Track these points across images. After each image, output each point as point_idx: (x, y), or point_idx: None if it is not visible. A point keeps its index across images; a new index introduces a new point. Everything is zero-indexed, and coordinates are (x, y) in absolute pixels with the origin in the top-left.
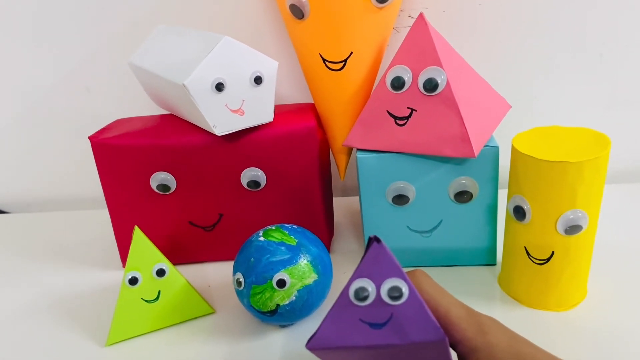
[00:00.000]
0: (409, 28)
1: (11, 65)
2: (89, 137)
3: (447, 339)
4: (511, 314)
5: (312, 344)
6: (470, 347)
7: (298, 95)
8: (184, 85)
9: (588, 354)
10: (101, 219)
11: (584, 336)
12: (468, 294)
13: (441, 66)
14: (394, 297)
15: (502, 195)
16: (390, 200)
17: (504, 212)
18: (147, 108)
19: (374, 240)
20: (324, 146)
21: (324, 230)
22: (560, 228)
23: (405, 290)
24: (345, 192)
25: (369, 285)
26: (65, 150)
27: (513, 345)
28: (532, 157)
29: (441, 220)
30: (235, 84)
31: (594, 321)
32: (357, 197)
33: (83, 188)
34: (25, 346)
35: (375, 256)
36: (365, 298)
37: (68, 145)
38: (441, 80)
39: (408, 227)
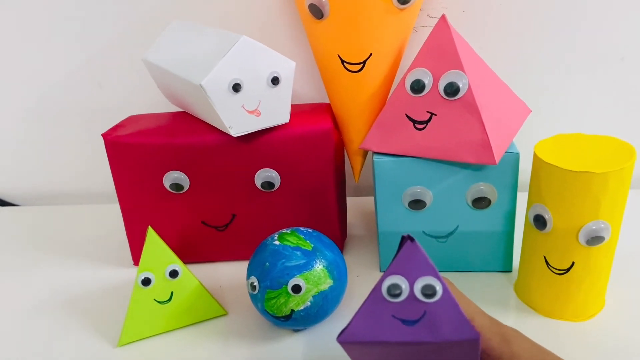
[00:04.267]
0: (428, 28)
1: (24, 59)
2: (103, 135)
3: (480, 338)
4: (527, 323)
5: (344, 338)
6: (495, 355)
7: (313, 94)
8: (200, 86)
9: None
10: (111, 214)
11: (601, 347)
12: (483, 300)
13: (463, 70)
14: (428, 295)
15: (520, 198)
16: (406, 204)
17: (522, 216)
18: (159, 104)
19: (407, 239)
20: (339, 147)
21: (337, 232)
22: (582, 239)
23: (439, 288)
24: (358, 192)
25: (403, 283)
26: (76, 144)
27: (537, 356)
28: (556, 166)
29: (458, 226)
30: (252, 85)
31: (612, 332)
32: (370, 197)
33: (93, 182)
34: (35, 344)
35: (408, 254)
36: (398, 295)
37: (79, 139)
38: (463, 85)
39: (424, 232)
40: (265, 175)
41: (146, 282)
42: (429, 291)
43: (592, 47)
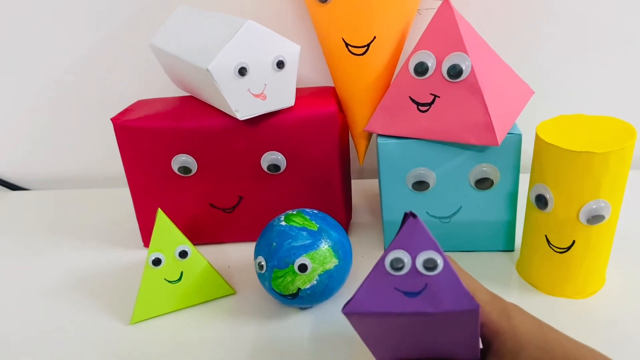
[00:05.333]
0: (431, 10)
1: (34, 45)
2: (112, 119)
3: (479, 308)
4: (529, 300)
5: (348, 309)
6: (495, 330)
7: (318, 77)
8: (207, 70)
9: (605, 342)
10: (120, 197)
11: (601, 324)
12: (486, 279)
13: (466, 52)
14: (429, 268)
15: (521, 179)
16: (410, 186)
17: (524, 197)
18: (166, 89)
19: (409, 216)
20: (344, 130)
21: (342, 213)
22: (582, 218)
23: (440, 262)
24: (361, 175)
25: (405, 257)
26: (85, 129)
27: (538, 330)
28: (557, 146)
29: (461, 207)
30: (258, 69)
31: (612, 309)
32: (373, 180)
33: (102, 166)
34: (51, 324)
35: (410, 230)
36: (400, 268)
37: (88, 124)
38: (466, 67)
39: (427, 212)
40: (271, 158)
41: (157, 262)
42: (430, 264)
43: (595, 27)
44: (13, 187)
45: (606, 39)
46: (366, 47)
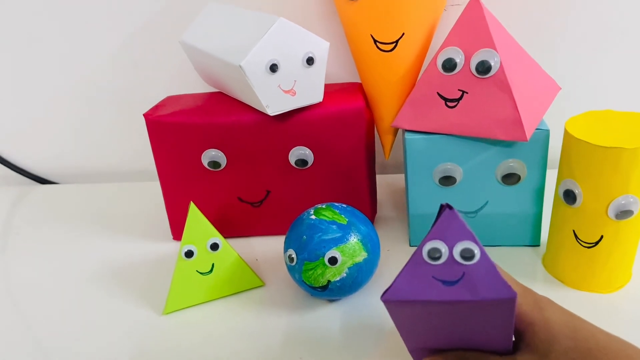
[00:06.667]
0: (458, 7)
1: (63, 41)
2: (144, 115)
3: (517, 297)
4: (555, 294)
5: (387, 296)
6: (527, 321)
7: (343, 73)
8: (240, 67)
9: (631, 335)
10: (148, 191)
11: (628, 318)
12: (512, 273)
13: (495, 48)
14: (467, 258)
15: (550, 175)
16: (437, 181)
17: (551, 192)
18: (195, 85)
19: (446, 207)
20: (371, 126)
21: (368, 208)
22: (611, 213)
23: (477, 251)
24: (385, 170)
25: (442, 247)
26: (113, 123)
27: (570, 321)
28: (586, 142)
29: (487, 202)
30: (288, 65)
31: (638, 304)
32: (397, 175)
33: (131, 160)
34: (86, 314)
35: (447, 221)
36: (438, 258)
37: (116, 118)
38: (494, 63)
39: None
40: (299, 153)
41: (189, 254)
42: (467, 254)
43: (621, 22)
44: (42, 180)
45: (633, 32)
46: (394, 44)
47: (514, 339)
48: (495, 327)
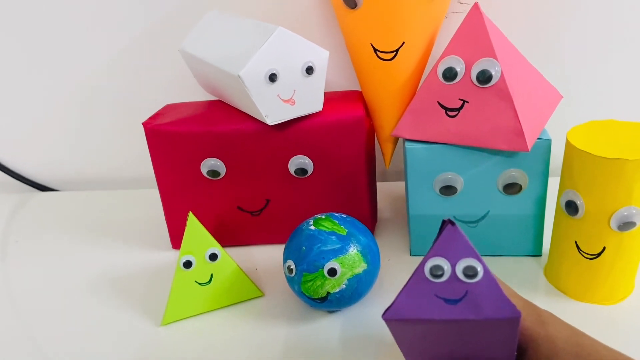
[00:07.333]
0: (459, 14)
1: (64, 49)
2: (143, 124)
3: (521, 316)
4: (557, 305)
5: (389, 315)
6: (530, 336)
7: (344, 81)
8: (238, 77)
9: (634, 348)
10: (148, 199)
11: (630, 329)
12: (514, 283)
13: (496, 58)
14: (469, 276)
15: (551, 183)
16: (437, 190)
17: (553, 201)
18: (194, 93)
19: (448, 223)
20: (371, 134)
21: (368, 217)
22: (613, 224)
23: (480, 269)
24: (385, 178)
25: (444, 264)
26: (113, 131)
27: (573, 337)
28: (589, 153)
29: (488, 211)
30: (288, 75)
31: None
32: (398, 182)
33: (130, 168)
34: (82, 323)
35: (449, 237)
36: (440, 275)
37: (116, 126)
38: (495, 72)
39: (454, 217)
40: (299, 162)
41: (187, 264)
42: (470, 272)
43: (624, 30)
44: (42, 187)
45: (637, 41)
46: (395, 53)
47: (516, 353)
48: (499, 345)
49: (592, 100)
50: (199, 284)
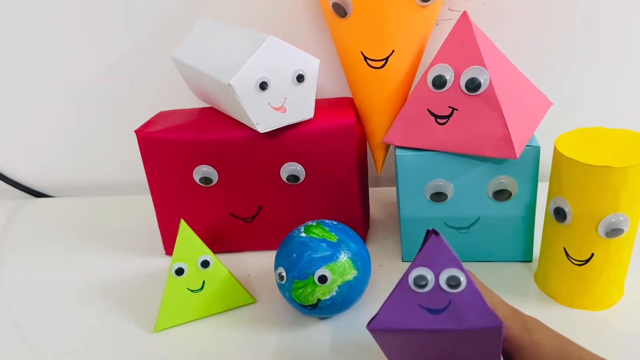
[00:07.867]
0: (449, 21)
1: (57, 54)
2: (135, 131)
3: (503, 326)
4: (547, 312)
5: (373, 325)
6: (516, 344)
7: (335, 87)
8: (229, 85)
9: (623, 353)
10: (141, 205)
11: (620, 335)
12: (504, 289)
13: (484, 66)
14: (452, 286)
15: (541, 188)
16: (428, 197)
17: (542, 206)
18: (187, 100)
19: (432, 233)
20: (362, 141)
21: (360, 223)
22: (601, 231)
23: (463, 279)
24: (378, 183)
25: (428, 274)
26: (107, 137)
27: (559, 345)
28: (576, 160)
29: (479, 217)
30: (278, 83)
31: (630, 320)
32: (390, 188)
33: (124, 174)
34: (74, 330)
35: (433, 247)
36: (424, 285)
37: (110, 133)
38: (484, 80)
39: (445, 223)
40: (291, 168)
41: (179, 272)
42: (453, 282)
43: (613, 38)
44: (37, 194)
45: (625, 49)
46: (385, 61)
47: None
48: (483, 354)
49: (582, 108)
50: (191, 291)
